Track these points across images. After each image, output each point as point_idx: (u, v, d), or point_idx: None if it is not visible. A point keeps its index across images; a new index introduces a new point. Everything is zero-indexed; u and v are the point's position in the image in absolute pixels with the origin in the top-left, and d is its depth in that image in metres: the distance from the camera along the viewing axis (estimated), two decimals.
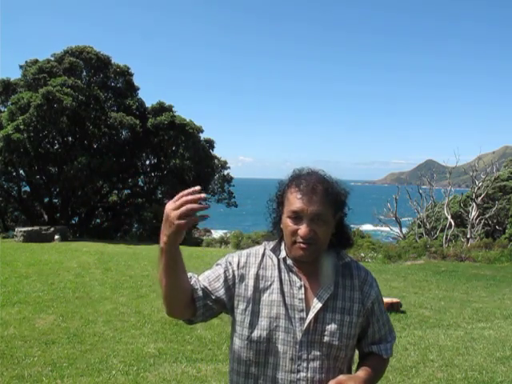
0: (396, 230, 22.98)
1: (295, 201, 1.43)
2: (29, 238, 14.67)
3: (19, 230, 15.30)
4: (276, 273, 1.49)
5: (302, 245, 1.41)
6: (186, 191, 1.28)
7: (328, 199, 1.43)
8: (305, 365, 1.42)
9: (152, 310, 6.35)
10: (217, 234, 25.50)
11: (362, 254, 14.36)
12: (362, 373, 1.46)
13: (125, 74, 22.16)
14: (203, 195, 1.28)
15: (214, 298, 1.46)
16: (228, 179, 26.68)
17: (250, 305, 1.46)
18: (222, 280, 1.48)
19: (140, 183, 23.95)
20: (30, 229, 15.34)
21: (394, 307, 6.58)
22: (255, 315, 1.45)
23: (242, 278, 1.49)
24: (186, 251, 14.43)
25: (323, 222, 1.42)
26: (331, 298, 1.46)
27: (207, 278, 1.49)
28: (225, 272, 1.49)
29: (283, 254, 1.51)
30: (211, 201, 26.56)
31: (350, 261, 1.54)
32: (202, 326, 5.59)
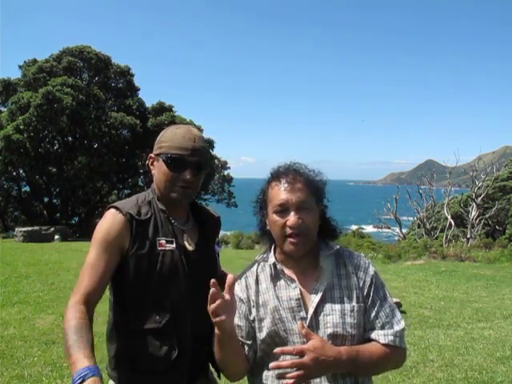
0: (396, 229, 22.99)
1: (278, 194, 1.42)
2: (29, 237, 14.66)
3: (19, 230, 15.28)
4: (269, 281, 1.49)
5: (291, 239, 1.40)
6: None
7: (310, 188, 1.44)
8: None
9: None
10: None
11: (362, 254, 14.35)
12: (343, 348, 1.37)
13: (125, 74, 22.18)
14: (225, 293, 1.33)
15: (251, 342, 1.48)
16: (228, 179, 26.70)
17: (256, 322, 1.47)
18: (243, 322, 1.49)
19: (140, 183, 23.96)
20: (30, 229, 15.33)
21: None
22: (261, 330, 1.46)
23: (249, 301, 1.50)
24: None
25: (309, 209, 1.42)
26: (328, 289, 1.45)
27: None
28: (239, 312, 1.49)
29: (272, 260, 1.50)
30: (211, 201, 26.59)
31: (340, 249, 1.53)
32: None
